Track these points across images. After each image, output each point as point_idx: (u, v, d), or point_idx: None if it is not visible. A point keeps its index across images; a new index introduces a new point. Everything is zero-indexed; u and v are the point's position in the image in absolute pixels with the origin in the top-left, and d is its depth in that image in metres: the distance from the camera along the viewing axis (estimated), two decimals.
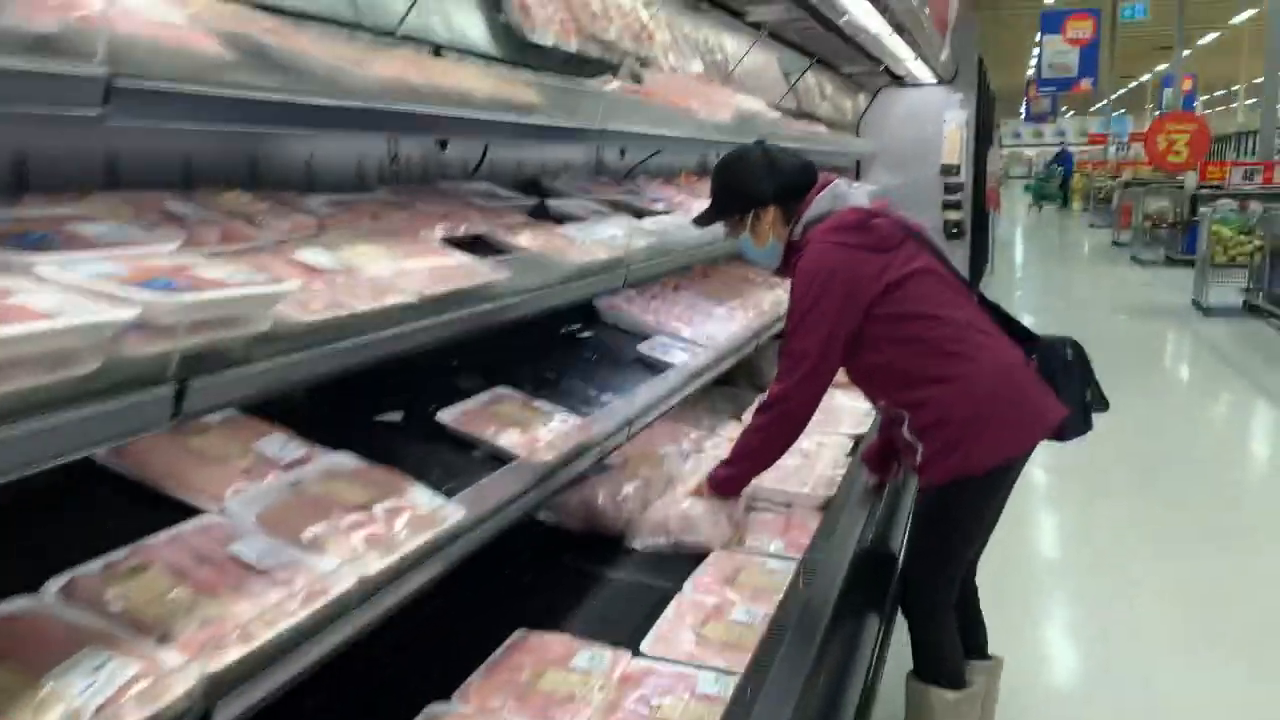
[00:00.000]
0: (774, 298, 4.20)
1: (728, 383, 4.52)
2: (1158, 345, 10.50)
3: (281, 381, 1.51)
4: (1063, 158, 34.48)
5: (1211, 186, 15.16)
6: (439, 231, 2.09)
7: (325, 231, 1.81)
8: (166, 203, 1.68)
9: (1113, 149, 33.83)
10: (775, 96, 6.46)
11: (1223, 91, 52.68)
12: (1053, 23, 23.89)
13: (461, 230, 2.19)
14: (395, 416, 2.25)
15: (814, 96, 7.97)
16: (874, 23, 4.62)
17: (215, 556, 1.48)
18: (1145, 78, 45.71)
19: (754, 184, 2.71)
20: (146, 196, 1.70)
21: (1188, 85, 25.28)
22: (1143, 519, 5.45)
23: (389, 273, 1.70)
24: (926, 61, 6.47)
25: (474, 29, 3.07)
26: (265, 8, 2.17)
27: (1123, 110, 49.38)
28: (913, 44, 5.55)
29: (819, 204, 2.70)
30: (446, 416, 2.20)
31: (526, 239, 2.29)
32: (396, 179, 2.69)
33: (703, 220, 2.83)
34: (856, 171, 8.19)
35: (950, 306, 2.63)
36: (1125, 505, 5.66)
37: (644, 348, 3.14)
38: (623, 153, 4.22)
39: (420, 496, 1.78)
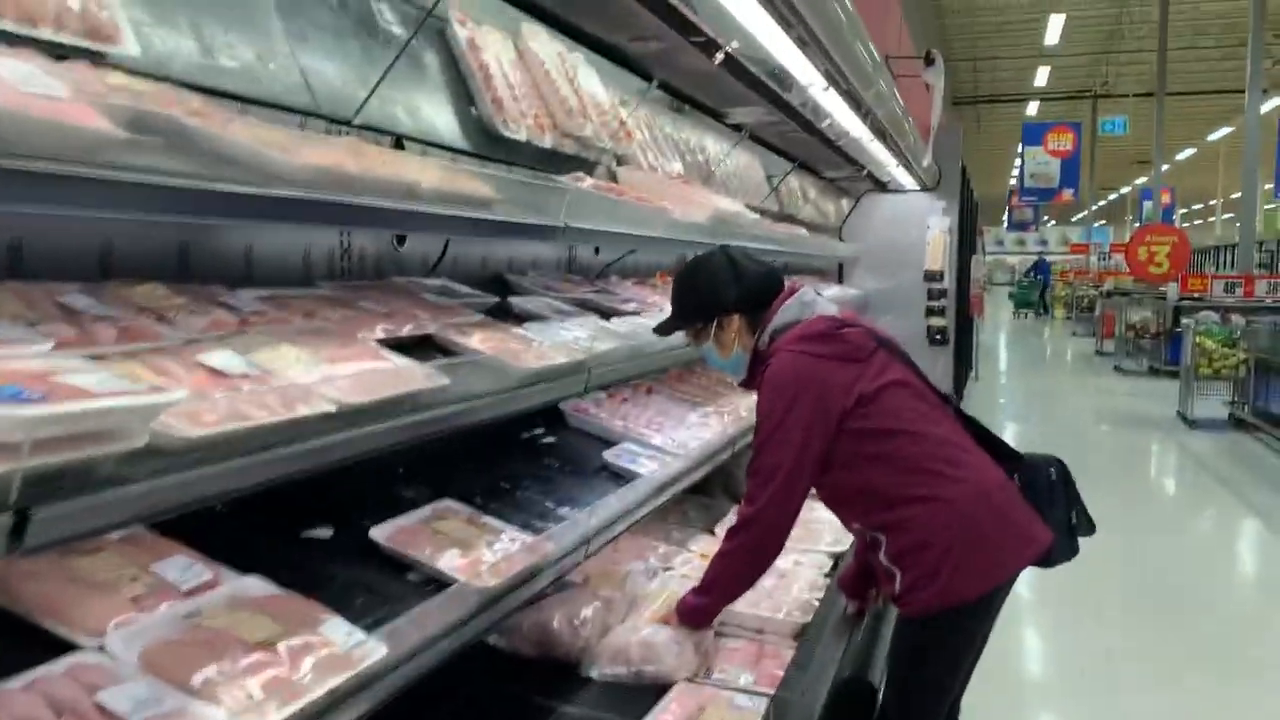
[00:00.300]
0: (750, 403, 4.02)
1: (702, 492, 4.33)
2: (1143, 458, 10.36)
3: (171, 502, 1.32)
4: (1039, 267, 34.62)
5: (1193, 298, 15.23)
6: (379, 332, 1.92)
7: (246, 331, 1.64)
8: (64, 296, 1.51)
9: (1094, 258, 34.28)
10: (758, 198, 6.41)
11: (1200, 205, 53.79)
12: (1034, 134, 24.40)
13: (406, 330, 2.02)
14: (324, 532, 2.05)
15: (797, 199, 7.95)
16: (856, 128, 4.56)
17: (79, 707, 1.27)
18: (1125, 190, 46.70)
19: (717, 291, 2.58)
20: (46, 288, 1.53)
21: (1166, 198, 25.70)
22: (1132, 644, 5.22)
23: (311, 378, 1.52)
24: (909, 168, 6.43)
25: (443, 121, 2.96)
26: (204, 90, 2.06)
27: (1103, 221, 50.27)
28: (895, 150, 5.51)
29: (785, 312, 2.56)
30: (380, 534, 2.00)
31: (479, 340, 2.12)
32: (347, 274, 2.53)
33: (664, 329, 2.68)
34: (839, 275, 8.13)
35: (927, 421, 2.46)
36: (1113, 629, 5.44)
37: (610, 456, 2.95)
38: (597, 251, 4.09)
39: (336, 631, 1.57)
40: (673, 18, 2.88)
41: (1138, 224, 31.48)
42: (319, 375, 1.54)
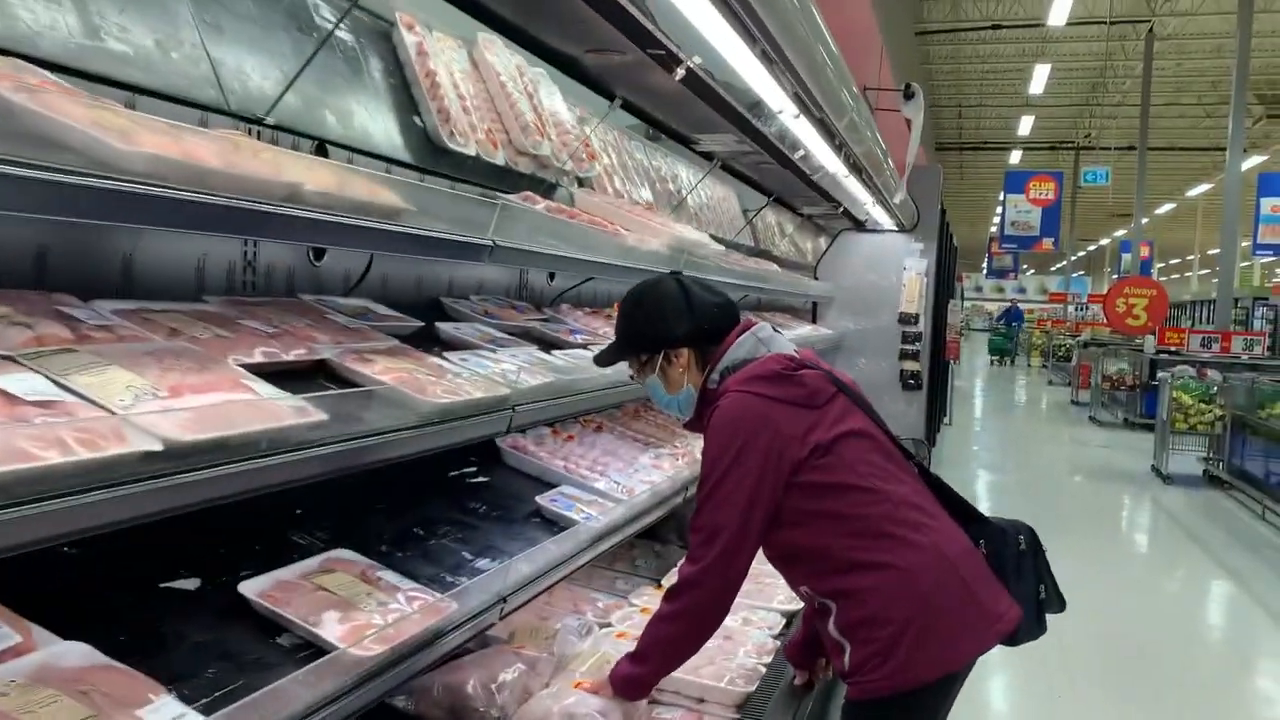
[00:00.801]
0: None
1: (655, 536, 4.07)
2: (1117, 513, 10.15)
3: None
4: (1011, 314, 33.87)
5: (1170, 351, 15.13)
6: (257, 355, 1.67)
7: (76, 349, 1.37)
8: None
9: (1072, 308, 34.34)
10: (731, 232, 6.20)
11: (1177, 260, 54.26)
12: (1016, 182, 24.43)
13: (293, 355, 1.76)
14: (189, 584, 1.78)
15: (773, 235, 7.75)
16: (830, 161, 4.35)
17: None
18: (1104, 241, 47.04)
19: (666, 321, 2.33)
20: None
21: (1145, 251, 25.76)
22: (1100, 710, 4.97)
23: (142, 408, 1.26)
24: (887, 206, 6.24)
25: (379, 129, 2.72)
26: (82, 75, 1.81)
27: (1082, 271, 50.58)
28: (872, 187, 5.31)
29: (738, 348, 2.32)
30: (251, 589, 1.73)
31: (382, 369, 1.87)
32: (251, 289, 2.27)
33: (605, 358, 2.43)
34: (813, 314, 7.93)
35: (887, 478, 2.22)
36: (1082, 692, 5.19)
37: (544, 500, 2.69)
38: (551, 277, 3.85)
39: (162, 714, 1.30)
40: (630, 27, 2.66)
41: (1116, 275, 31.60)
42: (153, 406, 1.28)
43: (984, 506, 9.95)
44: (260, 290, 2.30)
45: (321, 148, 2.44)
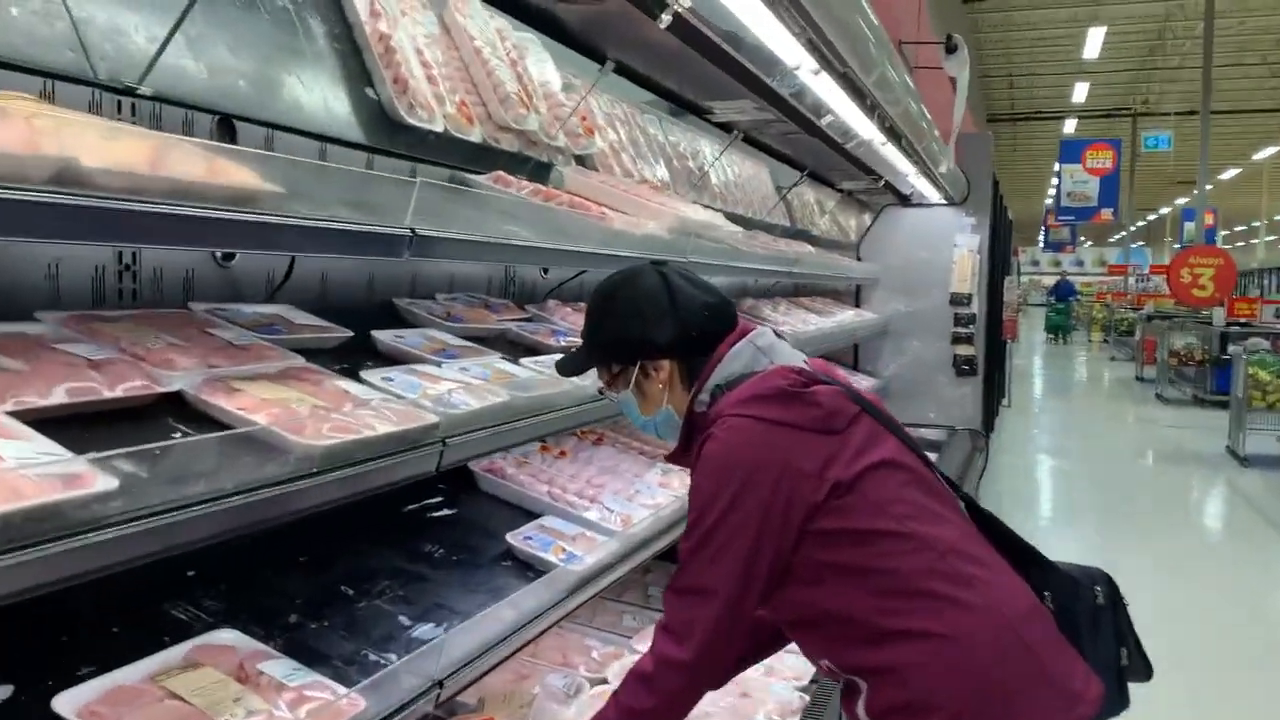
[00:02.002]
0: None
1: (673, 557, 3.62)
2: (1192, 500, 9.49)
3: None
4: (1061, 288, 32.13)
5: (1240, 324, 14.33)
6: (57, 395, 1.23)
7: None
8: None
9: (1132, 280, 33.18)
10: (763, 211, 5.71)
11: (1242, 227, 52.40)
12: (1072, 151, 23.50)
13: (121, 390, 1.33)
14: (3, 692, 1.36)
15: (812, 213, 7.22)
16: (862, 125, 3.84)
17: None
18: (1164, 210, 45.53)
19: (644, 324, 1.86)
20: None
21: (1210, 219, 24.70)
22: (1183, 709, 4.44)
23: None
24: (933, 178, 5.69)
25: (315, 102, 2.29)
26: None
27: (1141, 242, 49.10)
28: (914, 155, 4.77)
29: (732, 360, 1.84)
30: (70, 703, 1.30)
31: (256, 399, 1.43)
32: (134, 298, 1.85)
33: (569, 366, 1.98)
34: (856, 297, 7.39)
35: (928, 519, 1.73)
36: (1160, 692, 4.64)
37: (516, 540, 2.25)
38: (545, 271, 3.40)
39: None
40: None
41: (1178, 245, 30.41)
42: None
43: (1045, 495, 9.40)
44: (147, 301, 1.88)
45: (227, 124, 2.01)
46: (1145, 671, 1.89)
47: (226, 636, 1.54)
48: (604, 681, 2.50)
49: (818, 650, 1.80)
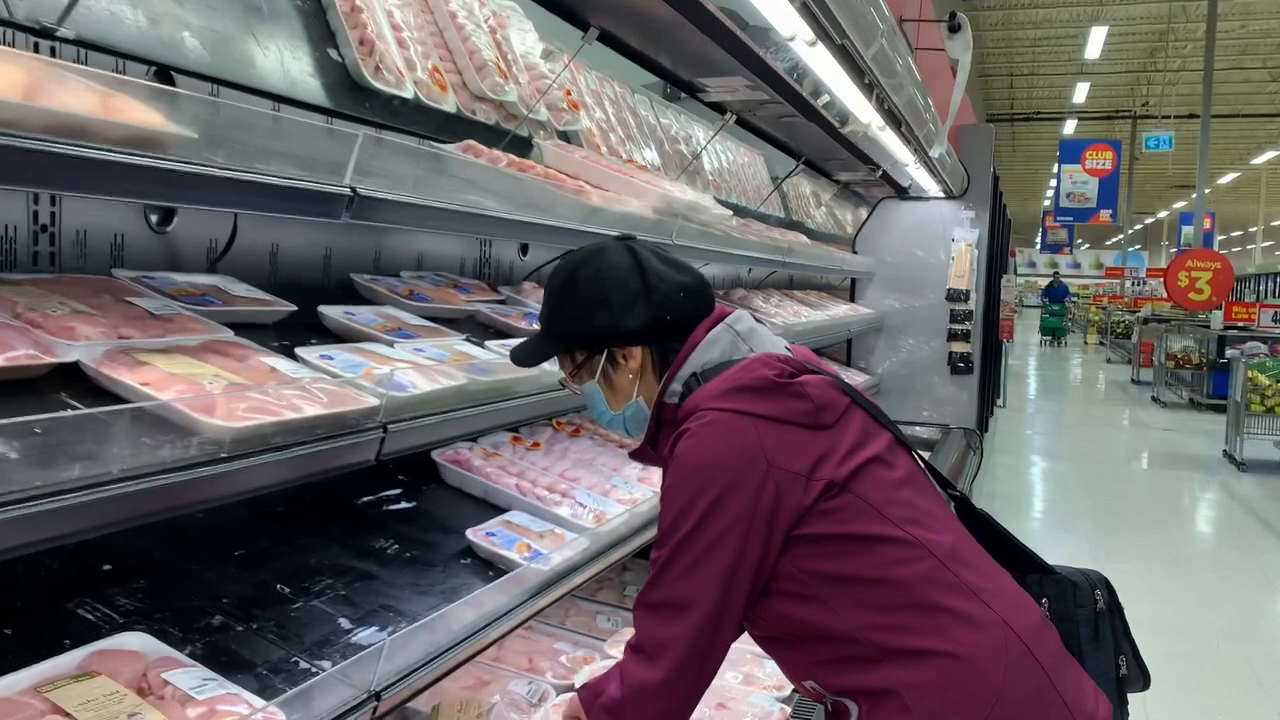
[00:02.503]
0: None
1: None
2: (1188, 504, 9.34)
3: None
4: (1055, 290, 30.57)
5: (1238, 327, 14.20)
6: None
7: None
8: None
9: (1129, 283, 33.04)
10: (757, 200, 5.54)
11: (1238, 232, 52.33)
12: (1072, 152, 23.34)
13: (4, 359, 1.15)
14: None
15: (807, 204, 7.05)
16: (860, 106, 3.67)
17: None
18: (1162, 214, 45.46)
19: (611, 307, 1.67)
20: None
21: (1208, 223, 24.55)
22: None
23: None
24: (931, 168, 5.52)
25: (270, 61, 2.12)
26: None
27: (1139, 245, 48.99)
28: (912, 142, 4.60)
29: (708, 347, 1.66)
30: None
31: (159, 375, 1.25)
32: (50, 263, 1.67)
33: (525, 355, 1.78)
34: (851, 292, 7.22)
35: (926, 523, 1.56)
36: (1158, 705, 4.49)
37: (477, 536, 2.08)
38: (524, 250, 3.23)
39: None
40: None
41: (1175, 249, 30.26)
42: None
43: (1039, 497, 9.25)
44: (69, 268, 1.70)
45: (165, 76, 1.84)
46: (1143, 680, 1.74)
47: (132, 640, 1.36)
48: (571, 689, 2.33)
49: (801, 670, 1.63)
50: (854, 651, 1.51)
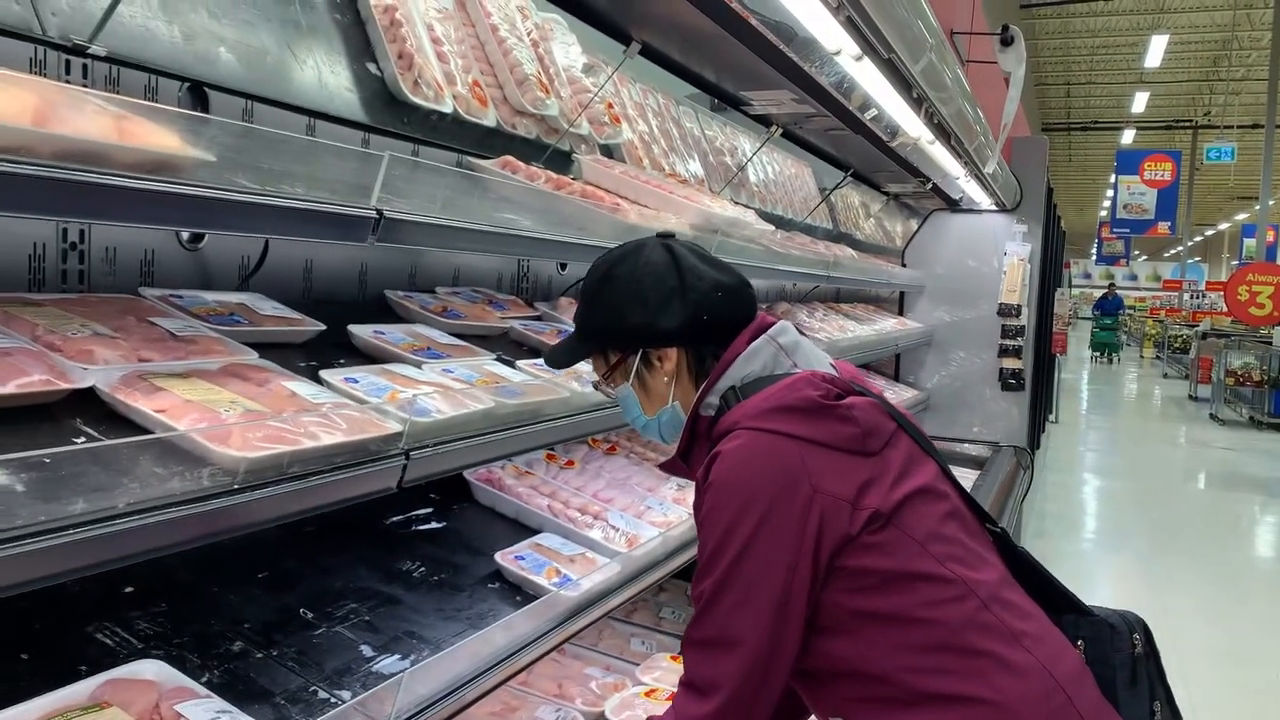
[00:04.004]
0: None
1: (689, 578, 3.39)
2: (1246, 527, 9.08)
3: None
4: (1107, 303, 27.94)
5: None
6: None
7: None
8: None
9: (1187, 296, 32.36)
10: (803, 212, 5.47)
11: None
12: (1130, 162, 22.89)
13: (12, 387, 1.13)
14: None
15: (856, 216, 6.96)
16: (908, 120, 3.59)
17: None
18: (1223, 226, 44.48)
19: (647, 305, 1.60)
20: None
21: (1271, 236, 23.97)
22: None
23: None
24: (983, 181, 5.42)
25: (308, 76, 2.10)
26: None
27: (1198, 258, 47.99)
28: (962, 155, 4.50)
29: (749, 359, 1.59)
30: None
31: (173, 402, 1.23)
32: (80, 281, 1.66)
33: (559, 356, 1.72)
34: (900, 306, 7.11)
35: (971, 561, 1.49)
36: None
37: (505, 560, 2.04)
38: (562, 267, 3.19)
39: None
40: None
41: (1236, 262, 29.55)
42: None
43: (1091, 517, 9.03)
44: (98, 286, 1.69)
45: (198, 92, 1.83)
46: None
47: (148, 669, 1.34)
48: (601, 716, 2.29)
49: (828, 707, 1.56)
50: (888, 693, 1.44)
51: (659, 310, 1.60)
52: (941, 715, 1.42)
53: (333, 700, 1.48)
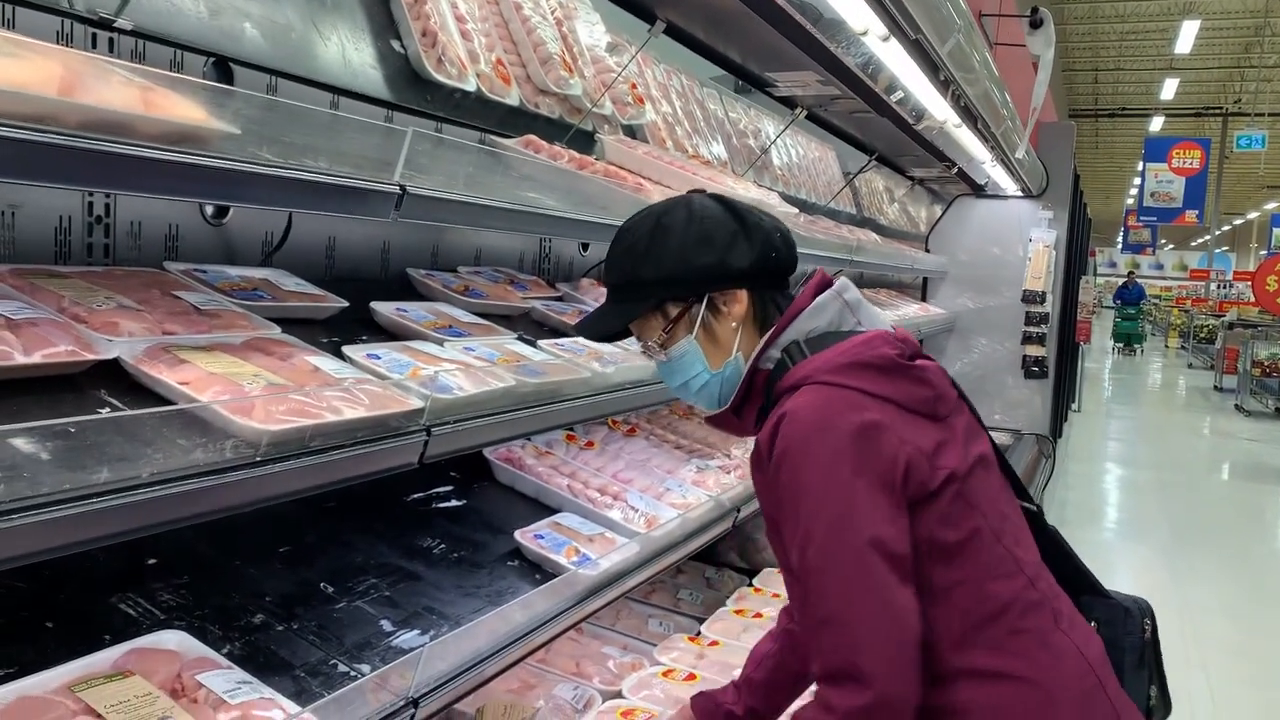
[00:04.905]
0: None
1: (708, 558, 3.40)
2: (1271, 519, 9.01)
3: None
4: (1127, 291, 26.45)
5: None
6: None
7: None
8: None
9: (1214, 286, 32.02)
10: (827, 196, 5.44)
11: None
12: (1158, 150, 22.64)
13: (38, 357, 1.14)
14: None
15: (880, 201, 6.92)
16: (934, 103, 3.56)
17: None
18: (1252, 215, 43.97)
19: (713, 245, 1.51)
20: None
21: None
22: None
23: None
24: (1009, 166, 5.37)
25: (332, 53, 2.10)
26: None
27: (1226, 247, 47.48)
28: (989, 139, 4.46)
29: (816, 313, 1.52)
30: None
31: (197, 375, 1.23)
32: (104, 255, 1.67)
33: (606, 321, 1.59)
34: (923, 292, 7.07)
35: (1019, 539, 1.47)
36: None
37: (525, 538, 2.05)
38: (584, 247, 3.19)
39: None
40: None
41: (1265, 252, 29.23)
42: None
43: (1113, 506, 8.96)
44: (123, 259, 1.70)
45: (223, 67, 1.83)
46: (1165, 709, 1.66)
47: (170, 639, 1.35)
48: (618, 695, 2.30)
49: None
50: (928, 665, 1.38)
51: (727, 249, 1.51)
52: (980, 690, 1.40)
53: (352, 674, 1.49)
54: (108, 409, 1.19)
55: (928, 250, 7.00)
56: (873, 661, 1.30)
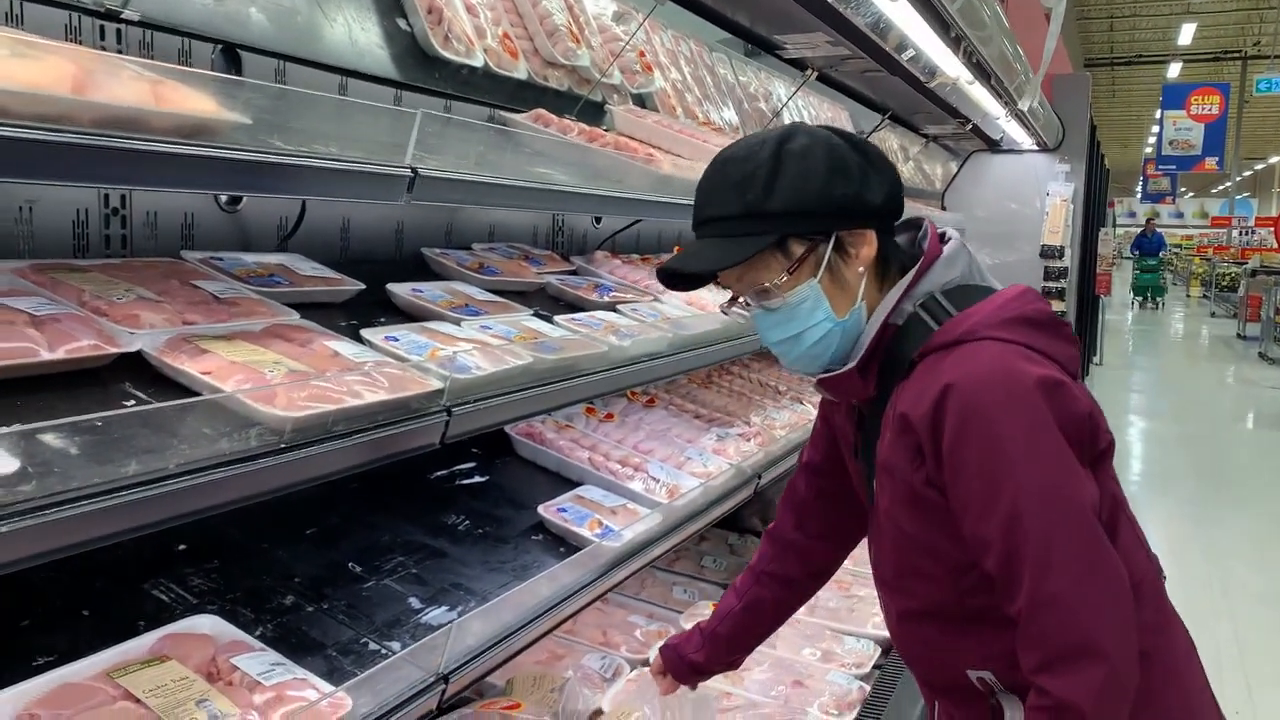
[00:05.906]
0: (790, 417, 3.09)
1: (732, 524, 3.41)
2: None
3: None
4: (1146, 241, 25.31)
5: None
6: None
7: None
8: None
9: (1236, 233, 31.66)
10: None
11: None
12: (1176, 97, 22.31)
13: (62, 352, 1.16)
14: None
15: (894, 159, 6.85)
16: (945, 59, 3.52)
17: None
18: (1274, 160, 43.37)
19: (850, 175, 1.34)
20: None
21: None
22: None
23: None
24: (1023, 121, 5.31)
25: (338, 34, 2.09)
26: None
27: (1247, 193, 46.87)
28: (1002, 95, 4.41)
29: (951, 264, 1.40)
30: (6, 707, 1.15)
31: (218, 364, 1.25)
32: (122, 246, 1.69)
33: (718, 255, 1.38)
34: None
35: (1129, 512, 1.43)
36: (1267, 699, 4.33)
37: (548, 512, 2.06)
38: (597, 221, 3.19)
39: None
40: None
41: None
42: None
43: (1137, 458, 8.91)
44: (140, 250, 1.72)
45: (231, 54, 1.83)
46: None
47: (203, 624, 1.38)
48: (646, 663, 2.32)
49: (979, 657, 1.39)
50: None
51: (863, 182, 1.34)
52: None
53: (383, 651, 1.52)
54: (133, 402, 1.20)
55: (944, 208, 6.95)
56: (1107, 634, 1.22)
